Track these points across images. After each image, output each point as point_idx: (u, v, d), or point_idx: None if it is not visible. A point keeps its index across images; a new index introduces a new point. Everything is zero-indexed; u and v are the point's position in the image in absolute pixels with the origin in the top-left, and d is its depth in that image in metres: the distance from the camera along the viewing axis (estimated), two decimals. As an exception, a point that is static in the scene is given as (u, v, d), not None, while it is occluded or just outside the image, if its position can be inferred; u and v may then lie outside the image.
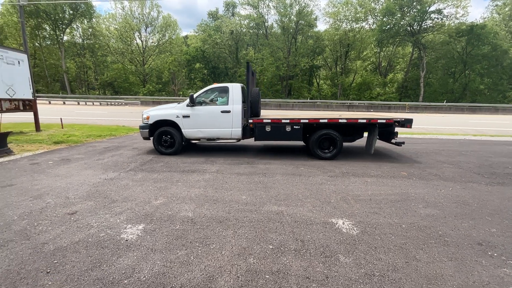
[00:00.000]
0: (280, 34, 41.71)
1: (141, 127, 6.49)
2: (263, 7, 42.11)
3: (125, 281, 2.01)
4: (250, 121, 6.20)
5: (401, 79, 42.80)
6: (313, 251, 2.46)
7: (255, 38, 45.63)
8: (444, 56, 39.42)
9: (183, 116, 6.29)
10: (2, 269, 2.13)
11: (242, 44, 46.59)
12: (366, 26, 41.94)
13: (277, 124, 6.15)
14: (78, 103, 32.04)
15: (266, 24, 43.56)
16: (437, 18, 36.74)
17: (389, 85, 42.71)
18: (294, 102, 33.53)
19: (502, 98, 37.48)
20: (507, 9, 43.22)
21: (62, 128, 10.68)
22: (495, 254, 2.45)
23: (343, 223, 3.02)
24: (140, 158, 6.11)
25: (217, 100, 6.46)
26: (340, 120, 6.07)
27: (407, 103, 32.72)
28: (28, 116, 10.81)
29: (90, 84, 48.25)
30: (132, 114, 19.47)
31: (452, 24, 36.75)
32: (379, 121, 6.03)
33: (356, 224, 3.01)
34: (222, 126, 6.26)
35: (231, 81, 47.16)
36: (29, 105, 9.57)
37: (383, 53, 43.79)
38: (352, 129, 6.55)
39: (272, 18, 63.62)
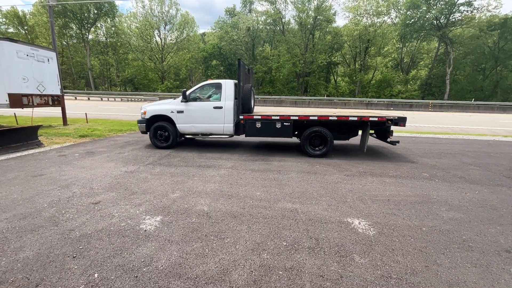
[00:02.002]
0: (297, 30, 41.01)
1: (139, 122, 6.78)
2: (280, 3, 41.50)
3: (144, 269, 2.10)
4: (241, 117, 6.26)
5: (425, 76, 40.70)
6: (328, 249, 2.44)
7: (272, 35, 45.23)
8: (474, 51, 36.88)
9: (177, 112, 6.45)
10: (33, 252, 2.30)
11: (259, 40, 46.36)
12: (388, 20, 40.19)
13: (267, 121, 6.16)
14: (101, 99, 33.55)
15: (283, 20, 42.99)
16: (467, 11, 34.37)
17: (411, 82, 40.79)
18: (310, 100, 32.97)
19: (539, 97, 34.55)
20: (547, -1, 39.58)
21: (87, 122, 11.26)
22: (526, 263, 2.29)
23: (359, 223, 2.95)
24: (158, 152, 6.31)
25: (210, 96, 6.56)
26: (330, 118, 5.98)
27: (430, 101, 31.07)
28: (56, 111, 11.50)
29: (112, 81, 50.34)
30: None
31: (483, 17, 34.26)
32: (370, 119, 5.87)
33: (373, 224, 2.93)
34: (214, 121, 6.36)
35: (247, 78, 47.20)
36: (57, 101, 10.15)
37: (405, 49, 41.83)
38: (345, 127, 6.40)
39: (289, 14, 62.69)
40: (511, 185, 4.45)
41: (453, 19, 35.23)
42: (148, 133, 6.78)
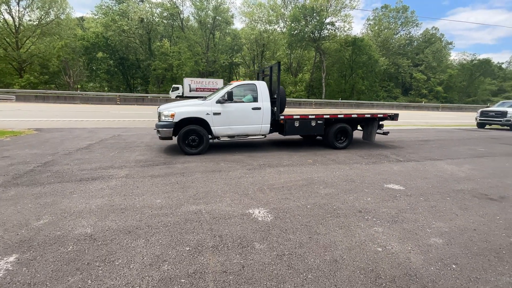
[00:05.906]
0: (198, 28, 40.46)
1: (163, 126, 6.01)
2: (177, -3, 39.62)
3: (-18, 336, 1.50)
4: (282, 117, 6.70)
5: (308, 79, 49.24)
6: (231, 244, 2.51)
7: (171, 30, 42.57)
8: (338, 61, 47.79)
9: (213, 114, 6.15)
10: None
11: (156, 34, 42.57)
12: (278, 29, 45.91)
13: (304, 120, 6.91)
14: None
15: (181, 16, 41.24)
16: (332, 29, 44.04)
17: (299, 84, 48.37)
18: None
19: (376, 97, 48.81)
20: (376, 27, 56.06)
21: None
22: (369, 218, 3.15)
23: (259, 212, 3.21)
24: (14, 169, 4.71)
25: (243, 97, 6.57)
26: (352, 115, 7.41)
27: (313, 100, 37.98)
28: None
29: None
30: (3, 113, 14.76)
31: (342, 36, 44.84)
32: (378, 115, 7.60)
33: (270, 211, 3.26)
34: (252, 122, 6.51)
35: (144, 75, 42.57)
36: None
37: (293, 55, 49.06)
38: (356, 123, 7.93)
39: (187, 10, 60.84)
40: (362, 162, 6.02)
41: (323, 35, 44.20)
42: (176, 138, 6.13)
